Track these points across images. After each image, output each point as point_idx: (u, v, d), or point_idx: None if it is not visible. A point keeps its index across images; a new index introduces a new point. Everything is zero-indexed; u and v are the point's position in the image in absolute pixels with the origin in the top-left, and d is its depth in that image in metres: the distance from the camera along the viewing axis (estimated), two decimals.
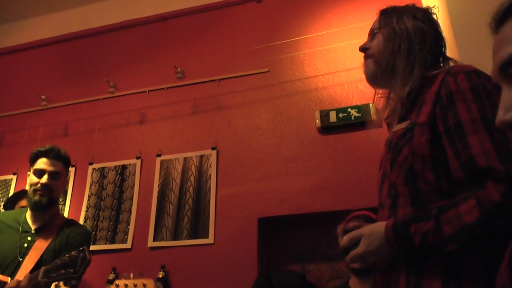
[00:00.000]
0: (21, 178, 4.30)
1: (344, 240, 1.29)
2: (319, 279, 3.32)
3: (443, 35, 1.52)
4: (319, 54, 3.67)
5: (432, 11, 1.54)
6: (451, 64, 1.45)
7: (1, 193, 4.31)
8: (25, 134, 4.54)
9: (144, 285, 2.53)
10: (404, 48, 1.42)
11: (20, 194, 3.18)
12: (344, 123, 3.32)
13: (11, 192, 4.21)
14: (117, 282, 2.51)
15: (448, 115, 1.22)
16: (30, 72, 4.98)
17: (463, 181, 1.15)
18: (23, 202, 3.05)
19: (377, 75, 1.49)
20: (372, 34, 1.56)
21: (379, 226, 1.24)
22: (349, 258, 1.27)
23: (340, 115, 3.35)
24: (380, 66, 1.47)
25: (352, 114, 3.31)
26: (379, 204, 1.43)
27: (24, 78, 4.97)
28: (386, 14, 1.53)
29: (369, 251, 1.23)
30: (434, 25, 1.50)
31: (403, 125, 1.33)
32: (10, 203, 3.11)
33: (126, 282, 2.50)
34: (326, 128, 3.41)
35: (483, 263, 1.11)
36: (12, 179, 4.35)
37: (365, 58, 1.56)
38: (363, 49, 1.56)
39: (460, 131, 1.18)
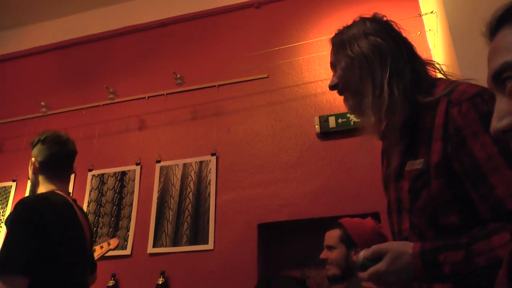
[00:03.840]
0: (21, 185, 4.31)
1: (367, 251, 1.20)
2: (319, 284, 3.32)
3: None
4: (317, 59, 3.68)
5: (385, 18, 1.43)
6: (440, 76, 1.38)
7: (1, 200, 4.31)
8: (24, 140, 4.53)
9: (109, 243, 2.60)
10: (366, 72, 1.33)
11: None
12: (343, 128, 3.33)
13: (11, 199, 4.22)
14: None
15: (463, 155, 1.15)
16: (29, 79, 4.98)
17: (492, 220, 1.12)
18: None
19: (360, 106, 1.35)
20: (334, 69, 1.46)
21: (406, 248, 1.16)
22: (369, 274, 1.18)
23: (339, 120, 3.35)
24: (357, 95, 1.36)
25: (352, 119, 3.31)
26: (397, 231, 1.37)
27: (23, 85, 4.97)
28: (337, 43, 1.44)
29: (390, 271, 1.15)
30: (393, 33, 1.39)
31: (416, 165, 1.25)
32: None
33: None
34: (325, 134, 3.42)
35: None
36: (11, 186, 4.35)
37: (340, 94, 1.45)
38: (332, 87, 1.44)
39: (479, 173, 1.12)
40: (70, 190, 4.00)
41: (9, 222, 1.90)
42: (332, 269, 2.29)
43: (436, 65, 1.39)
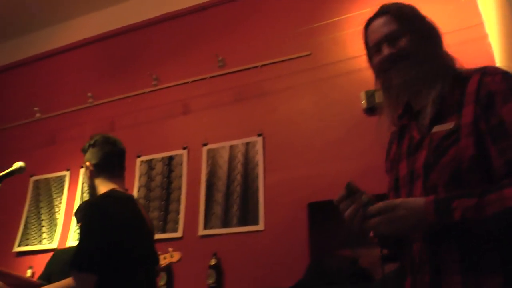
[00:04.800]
0: (74, 174, 4.44)
1: (380, 204, 1.24)
2: (372, 263, 3.25)
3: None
4: (361, 33, 3.57)
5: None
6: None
7: (57, 189, 4.45)
8: (74, 131, 4.66)
9: (172, 256, 2.83)
10: (432, 46, 1.42)
11: None
12: None
13: (66, 187, 4.34)
14: None
15: (491, 115, 1.24)
16: (76, 71, 5.10)
17: (506, 177, 1.18)
18: None
19: (417, 78, 1.40)
20: (392, 39, 1.44)
21: (417, 199, 1.25)
22: (380, 206, 1.23)
23: None
24: (418, 67, 1.39)
25: None
26: None
27: (71, 77, 5.08)
28: (401, 15, 1.47)
29: (402, 206, 1.22)
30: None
31: (446, 126, 1.31)
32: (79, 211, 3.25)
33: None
34: (372, 109, 3.32)
35: None
36: (66, 175, 4.49)
37: (395, 62, 1.43)
38: (392, 55, 1.42)
39: (502, 130, 1.21)
40: None
41: (81, 223, 1.99)
42: (385, 249, 2.22)
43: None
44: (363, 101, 3.34)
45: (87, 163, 2.21)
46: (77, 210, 3.27)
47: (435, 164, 1.28)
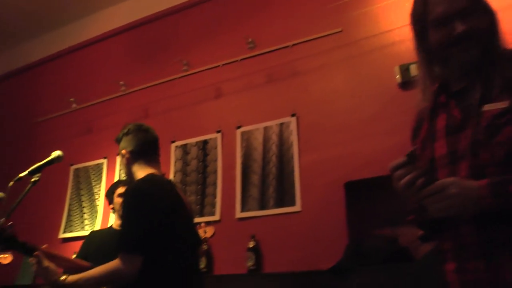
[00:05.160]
0: (111, 161, 4.53)
1: (436, 184, 1.20)
2: (411, 242, 3.20)
3: None
4: (393, 6, 3.48)
5: None
6: None
7: (96, 176, 4.54)
8: (109, 120, 4.73)
9: (205, 231, 2.66)
10: (495, 25, 1.39)
11: (118, 183, 3.39)
12: None
13: (104, 175, 4.43)
14: None
15: None
16: (108, 61, 5.17)
17: None
18: (120, 190, 3.24)
19: (480, 58, 1.36)
20: (465, 15, 1.39)
21: (469, 180, 1.21)
22: (434, 186, 1.19)
23: None
24: (483, 46, 1.36)
25: None
26: None
27: (103, 67, 5.16)
28: None
29: (452, 194, 1.18)
30: None
31: (500, 105, 1.26)
32: (110, 193, 3.34)
33: None
34: (407, 83, 3.23)
35: None
36: (103, 163, 4.58)
37: (464, 39, 1.38)
38: (466, 32, 1.37)
39: None
40: None
41: (123, 207, 2.05)
42: None
43: None
44: (398, 76, 3.26)
45: (123, 151, 2.25)
46: (108, 191, 3.39)
47: (487, 143, 1.24)
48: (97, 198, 4.50)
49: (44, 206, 4.84)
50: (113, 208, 3.34)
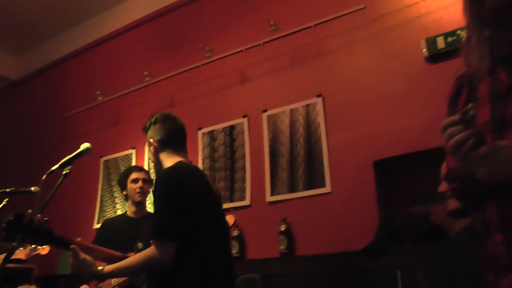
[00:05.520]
0: (140, 151, 4.57)
1: (488, 146, 1.12)
2: (444, 219, 3.14)
3: None
4: None
5: None
6: None
7: (125, 167, 4.61)
8: (136, 110, 4.77)
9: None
10: None
11: (131, 169, 3.37)
12: (454, 47, 3.04)
13: (133, 164, 4.48)
14: None
15: None
16: (132, 52, 5.20)
17: None
18: (134, 175, 3.25)
19: None
20: None
21: None
22: (487, 148, 1.10)
23: (449, 39, 3.08)
24: None
25: (462, 36, 3.02)
26: None
27: (127, 59, 5.21)
28: None
29: (505, 159, 1.10)
30: None
31: None
32: (123, 179, 3.31)
33: None
34: (435, 56, 3.16)
35: None
36: (132, 153, 4.63)
37: None
38: None
39: None
40: None
41: (155, 195, 2.07)
42: (453, 203, 2.10)
43: None
44: (424, 49, 3.18)
45: (151, 140, 2.26)
46: (120, 177, 3.38)
47: None
48: None
49: (78, 199, 4.94)
50: (126, 195, 3.30)
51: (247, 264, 3.55)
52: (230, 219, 3.22)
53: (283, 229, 3.44)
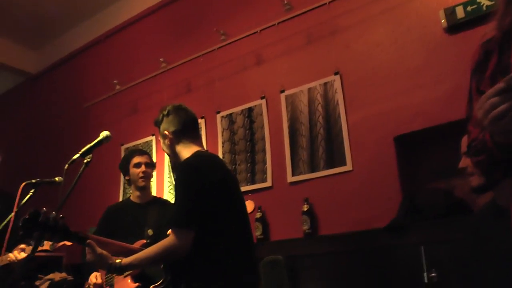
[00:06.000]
0: (159, 138, 4.57)
1: None
2: (467, 194, 3.11)
3: None
4: None
5: None
6: None
7: None
8: (153, 98, 4.79)
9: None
10: None
11: (133, 153, 3.29)
12: (475, 16, 2.96)
13: (154, 152, 4.51)
14: None
15: None
16: (146, 40, 5.21)
17: None
18: (136, 159, 3.18)
19: None
20: None
21: None
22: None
23: (469, 8, 3.00)
24: None
25: (483, 3, 2.94)
26: None
27: (142, 47, 5.22)
28: None
29: None
30: None
31: None
32: (125, 163, 3.24)
33: None
34: (454, 27, 3.08)
35: None
36: (152, 140, 4.67)
37: None
38: None
39: None
40: (203, 136, 4.20)
41: (176, 184, 2.08)
42: (475, 178, 2.04)
43: None
44: (443, 20, 3.11)
45: (165, 132, 2.26)
46: (122, 162, 3.30)
47: None
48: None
49: (101, 187, 5.00)
50: (129, 180, 3.22)
51: (271, 246, 3.57)
52: (249, 205, 3.16)
53: (305, 209, 3.44)
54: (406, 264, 2.85)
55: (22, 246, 2.75)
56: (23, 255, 2.72)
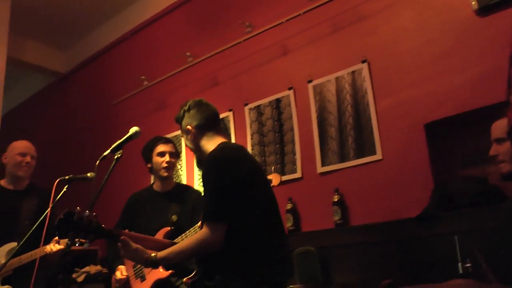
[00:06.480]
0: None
1: None
2: (502, 181, 3.02)
3: None
4: None
5: None
6: None
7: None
8: (180, 93, 4.82)
9: (270, 180, 2.64)
10: None
11: (156, 140, 3.14)
12: None
13: (183, 145, 4.54)
14: None
15: None
16: (172, 35, 5.24)
17: None
18: (160, 148, 3.06)
19: None
20: None
21: None
22: None
23: None
24: None
25: None
26: None
27: (168, 42, 5.25)
28: None
29: None
30: None
31: None
32: (148, 151, 3.10)
33: None
34: (485, 8, 2.98)
35: None
36: (172, 140, 4.67)
37: None
38: None
39: None
40: (232, 128, 4.20)
41: (205, 177, 2.08)
42: (506, 165, 1.98)
43: None
44: (473, 2, 3.01)
45: (188, 127, 2.25)
46: (145, 149, 3.16)
47: None
48: (179, 168, 4.64)
49: (130, 182, 5.05)
50: (150, 168, 3.09)
51: (302, 237, 3.56)
52: (275, 178, 3.01)
53: (336, 200, 3.42)
54: (439, 254, 2.81)
55: (57, 238, 2.82)
56: (58, 246, 2.81)
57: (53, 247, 2.80)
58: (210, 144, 2.20)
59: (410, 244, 3.06)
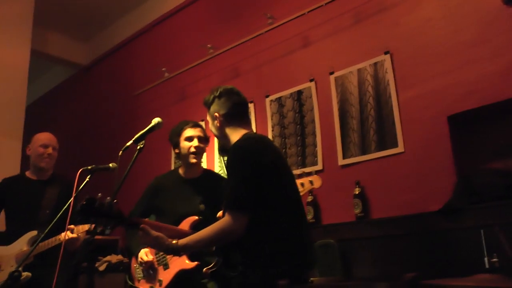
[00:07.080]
0: (208, 124, 4.61)
1: None
2: None
3: None
4: None
5: None
6: None
7: None
8: (201, 84, 4.83)
9: (312, 182, 2.61)
10: None
11: (183, 124, 3.00)
12: None
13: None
14: None
15: None
16: (193, 27, 5.26)
17: None
18: (188, 132, 2.92)
19: None
20: None
21: None
22: None
23: None
24: None
25: None
26: None
27: (189, 34, 5.27)
28: None
29: None
30: None
31: None
32: (176, 135, 2.96)
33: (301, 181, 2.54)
34: None
35: None
36: (201, 124, 4.68)
37: None
38: None
39: None
40: (253, 120, 4.20)
41: (229, 167, 2.07)
42: None
43: None
44: None
45: (216, 114, 2.24)
46: (172, 133, 3.03)
47: None
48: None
49: (152, 173, 5.07)
50: (178, 153, 2.94)
51: (323, 230, 3.55)
52: (317, 180, 2.97)
53: (357, 192, 3.40)
54: (464, 248, 2.78)
55: (71, 226, 2.84)
56: (70, 235, 2.83)
57: (67, 235, 2.81)
58: (235, 134, 2.20)
59: (432, 238, 3.04)
